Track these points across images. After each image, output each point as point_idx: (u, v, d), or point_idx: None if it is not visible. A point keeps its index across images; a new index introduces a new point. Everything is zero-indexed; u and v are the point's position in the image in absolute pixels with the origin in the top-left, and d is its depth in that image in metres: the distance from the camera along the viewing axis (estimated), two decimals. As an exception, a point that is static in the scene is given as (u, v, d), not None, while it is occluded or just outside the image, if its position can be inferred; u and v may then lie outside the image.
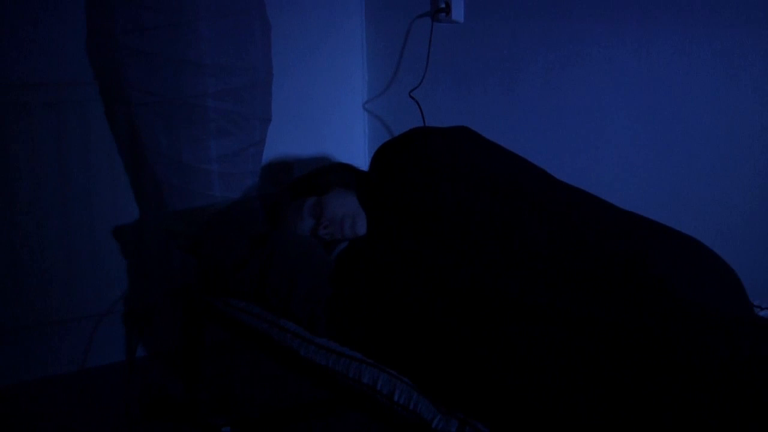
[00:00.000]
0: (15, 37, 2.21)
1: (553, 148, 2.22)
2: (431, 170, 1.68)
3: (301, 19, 2.64)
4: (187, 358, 2.05)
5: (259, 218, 1.94)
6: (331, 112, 2.76)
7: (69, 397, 2.25)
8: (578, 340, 1.19)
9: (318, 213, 1.84)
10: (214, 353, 2.29)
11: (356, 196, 1.86)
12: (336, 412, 2.10)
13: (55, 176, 2.26)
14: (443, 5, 2.41)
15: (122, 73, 2.12)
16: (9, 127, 2.17)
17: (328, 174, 1.93)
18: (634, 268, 1.30)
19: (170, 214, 2.19)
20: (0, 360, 2.26)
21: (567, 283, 1.31)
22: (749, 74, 1.78)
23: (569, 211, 1.51)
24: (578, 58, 2.12)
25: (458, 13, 2.41)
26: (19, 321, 2.27)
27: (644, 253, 1.33)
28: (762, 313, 1.55)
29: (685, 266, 1.35)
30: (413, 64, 2.59)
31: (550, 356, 1.18)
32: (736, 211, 1.84)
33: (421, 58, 2.52)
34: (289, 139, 2.59)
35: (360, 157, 2.81)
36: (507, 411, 1.18)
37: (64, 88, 2.26)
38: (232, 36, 2.12)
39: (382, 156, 1.82)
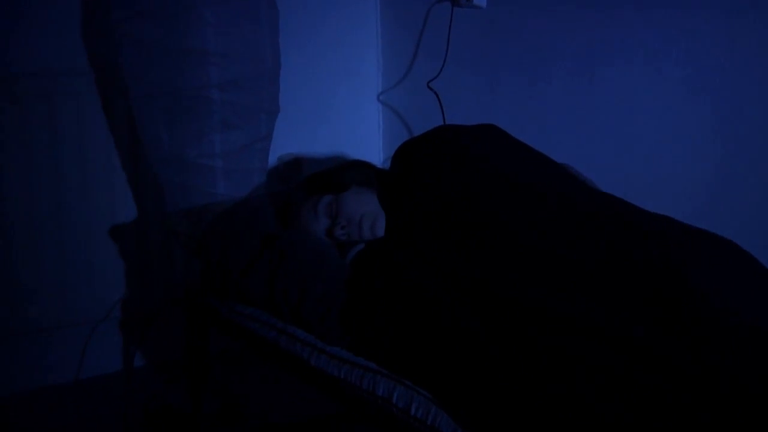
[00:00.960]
0: (4, 24, 2.22)
1: (582, 146, 2.22)
2: (461, 171, 1.67)
3: (311, 5, 2.65)
4: (190, 368, 2.06)
5: (269, 217, 1.95)
6: (343, 104, 2.77)
7: (62, 410, 2.26)
8: (617, 362, 1.17)
9: (334, 212, 1.85)
10: (218, 362, 2.31)
11: (376, 195, 1.88)
12: (348, 425, 2.12)
13: (48, 173, 2.28)
14: (465, -11, 2.43)
15: (120, 62, 2.13)
16: (-2, 119, 2.19)
17: (346, 171, 1.94)
18: (670, 280, 1.27)
19: (171, 214, 2.19)
20: (-12, 369, 2.28)
21: (602, 295, 1.29)
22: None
23: (601, 216, 1.50)
24: (611, 47, 2.12)
25: (481, -3, 2.42)
26: (9, 328, 2.29)
27: (681, 262, 1.31)
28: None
29: (727, 278, 1.31)
30: (432, 52, 2.59)
31: (586, 378, 1.17)
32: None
33: (441, 46, 2.53)
34: (297, 133, 2.59)
35: (374, 152, 2.82)
36: None
37: (57, 79, 2.28)
38: (237, 22, 2.13)
39: (406, 153, 1.82)
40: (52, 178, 2.28)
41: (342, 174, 1.94)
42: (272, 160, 2.46)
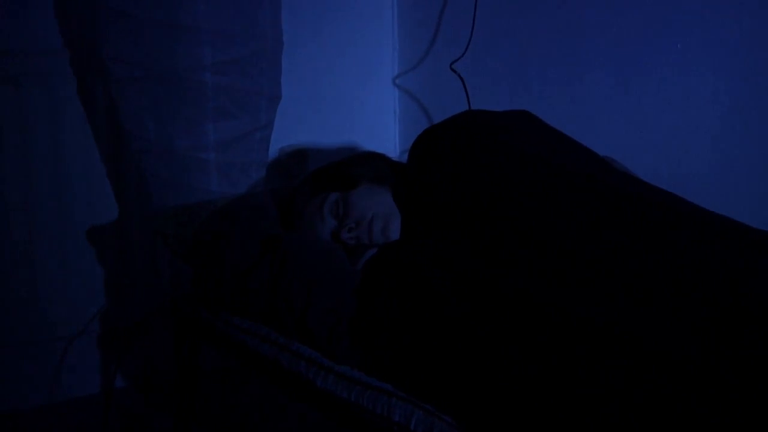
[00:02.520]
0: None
1: (629, 141, 2.22)
2: (491, 163, 1.67)
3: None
4: (178, 389, 2.07)
5: (269, 218, 1.96)
6: (354, 88, 2.77)
7: (34, 436, 2.27)
8: (676, 388, 1.17)
9: (342, 212, 1.86)
10: (211, 382, 2.32)
11: (390, 193, 1.88)
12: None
13: (17, 167, 2.29)
14: (493, -43, 2.43)
15: (100, 40, 2.13)
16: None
17: (355, 165, 1.95)
18: (739, 293, 1.26)
19: (158, 214, 2.21)
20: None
21: (656, 308, 1.29)
22: None
23: (656, 215, 1.49)
24: (661, 26, 2.13)
25: (511, -33, 2.43)
26: (-28, 344, 2.30)
27: (751, 272, 1.30)
28: None
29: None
30: (455, 29, 2.59)
31: (636, 405, 1.17)
32: None
33: (466, 23, 2.53)
34: (302, 122, 2.60)
35: (389, 143, 2.83)
36: None
37: (27, 59, 2.29)
38: (234, -4, 2.15)
39: (427, 143, 1.82)
40: (21, 173, 2.30)
41: (351, 168, 1.94)
42: (273, 152, 2.47)
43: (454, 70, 2.56)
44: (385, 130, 2.85)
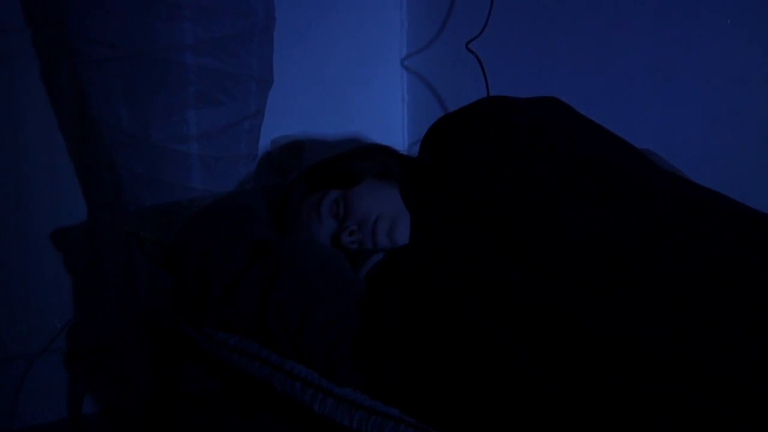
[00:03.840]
0: None
1: (669, 132, 2.22)
2: (516, 157, 1.67)
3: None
4: (156, 415, 2.07)
5: (259, 219, 1.96)
6: (357, 71, 2.78)
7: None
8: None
9: (342, 212, 1.86)
10: (193, 407, 2.33)
11: (398, 190, 1.88)
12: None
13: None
14: None
15: (66, 15, 2.14)
16: None
17: (358, 159, 1.95)
18: None
19: (133, 215, 2.21)
20: None
21: (704, 327, 1.28)
22: None
23: (700, 217, 1.49)
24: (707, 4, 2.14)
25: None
26: None
27: None
28: None
29: None
30: (472, 5, 2.59)
31: None
32: None
33: (484, -3, 2.55)
34: (297, 109, 2.60)
35: (396, 134, 2.83)
36: None
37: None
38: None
39: (441, 134, 1.82)
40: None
41: (353, 162, 1.94)
42: (263, 144, 2.48)
43: (470, 50, 2.56)
44: (391, 119, 2.85)
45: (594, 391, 1.26)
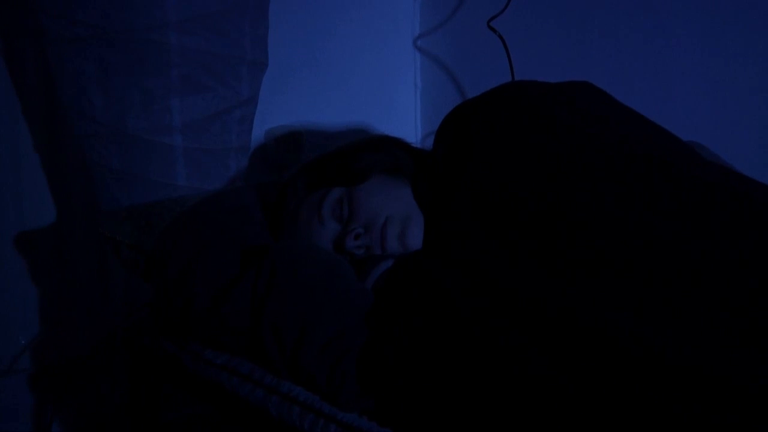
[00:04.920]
0: None
1: (720, 124, 2.21)
2: (546, 149, 1.67)
3: None
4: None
5: (252, 221, 1.97)
6: (363, 52, 2.78)
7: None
8: None
9: (347, 213, 1.86)
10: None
11: (409, 188, 1.89)
12: None
13: None
14: None
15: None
16: None
17: (364, 152, 1.95)
18: None
19: (108, 216, 2.18)
20: None
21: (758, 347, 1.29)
22: None
23: (757, 218, 1.49)
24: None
25: None
26: None
27: None
28: None
29: None
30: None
31: None
32: None
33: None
34: (295, 96, 2.60)
35: (408, 123, 2.83)
36: None
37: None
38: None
39: (460, 123, 1.81)
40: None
41: (359, 156, 1.94)
42: (257, 135, 2.48)
43: (492, 29, 2.56)
44: (403, 107, 2.85)
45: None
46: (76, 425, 2.52)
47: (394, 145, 2.00)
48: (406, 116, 2.86)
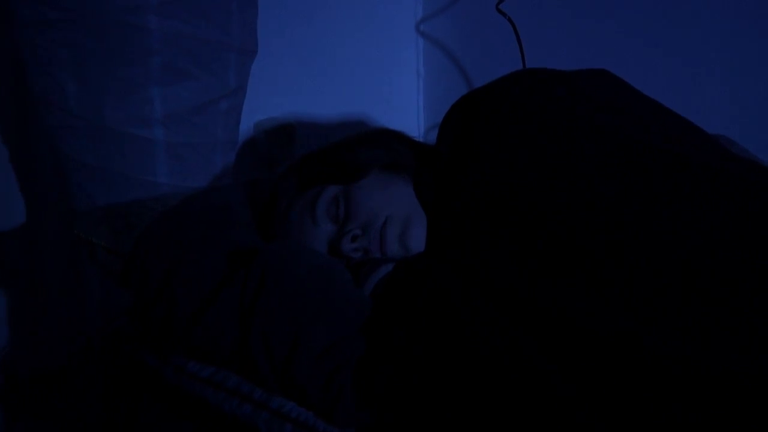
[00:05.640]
0: None
1: (750, 116, 2.22)
2: (560, 144, 1.67)
3: None
4: (112, 465, 2.09)
5: (240, 222, 1.97)
6: (361, 38, 2.78)
7: None
8: None
9: (343, 213, 1.86)
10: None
11: (411, 186, 1.89)
12: None
13: None
14: None
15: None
16: None
17: (362, 147, 1.95)
18: None
19: (83, 216, 2.19)
20: None
21: None
22: None
23: None
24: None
25: None
26: None
27: None
28: None
29: None
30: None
31: None
32: None
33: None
34: (287, 86, 2.60)
35: (410, 115, 2.84)
36: None
37: None
38: None
39: (467, 114, 1.81)
40: None
41: (356, 151, 1.95)
42: (246, 128, 2.48)
43: (501, 12, 2.57)
44: (404, 97, 2.86)
45: None
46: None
47: (394, 139, 2.01)
48: (408, 107, 2.86)
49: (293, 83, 2.64)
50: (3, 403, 2.49)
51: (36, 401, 2.43)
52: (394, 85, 2.86)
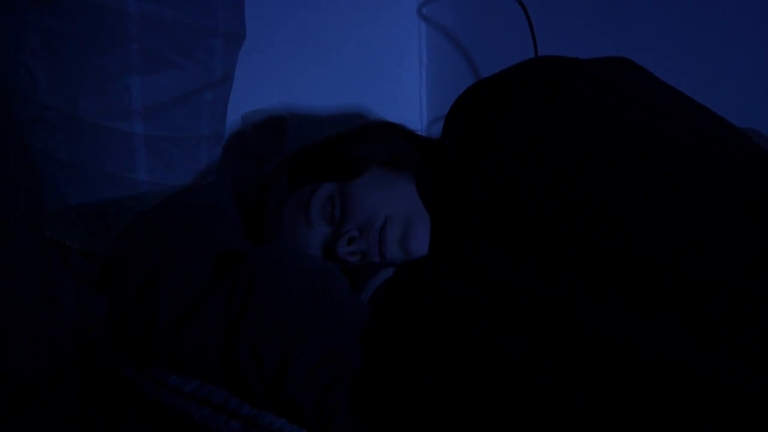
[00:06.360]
0: None
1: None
2: (577, 138, 1.66)
3: None
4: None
5: (227, 223, 1.98)
6: (359, 23, 2.78)
7: None
8: None
9: (339, 213, 1.87)
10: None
11: (413, 184, 1.89)
12: None
13: None
14: None
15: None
16: None
17: (359, 141, 1.96)
18: None
19: (55, 217, 2.20)
20: None
21: None
22: None
23: None
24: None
25: None
26: None
27: None
28: None
29: None
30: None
31: None
32: None
33: None
34: (278, 74, 2.61)
35: (411, 106, 2.84)
36: None
37: None
38: None
39: (473, 108, 1.81)
40: None
41: (353, 146, 1.95)
42: (233, 120, 2.49)
43: (512, -5, 2.58)
44: (405, 87, 2.86)
45: None
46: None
47: (394, 132, 2.01)
48: (409, 98, 2.86)
49: (284, 72, 2.64)
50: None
51: (3, 419, 2.43)
52: (394, 73, 2.86)
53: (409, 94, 2.87)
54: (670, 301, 1.41)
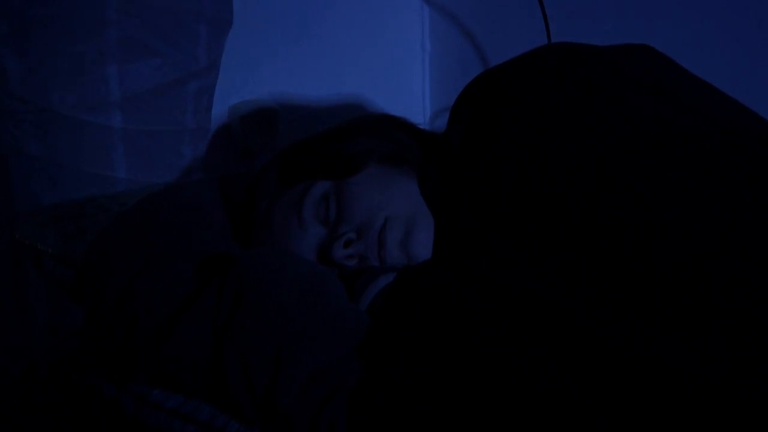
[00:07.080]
0: None
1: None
2: (594, 131, 1.66)
3: None
4: None
5: (213, 224, 1.98)
6: (357, 8, 2.79)
7: None
8: None
9: (335, 214, 1.87)
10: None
11: (415, 181, 1.90)
12: None
13: None
14: None
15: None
16: None
17: (356, 135, 1.96)
18: None
19: (27, 218, 2.21)
20: None
21: None
22: None
23: None
24: None
25: None
26: None
27: None
28: None
29: None
30: None
31: None
32: None
33: None
34: (269, 62, 2.61)
35: (413, 97, 2.85)
36: None
37: None
38: None
39: (480, 99, 1.82)
40: None
41: (350, 140, 1.96)
42: (219, 113, 2.49)
43: (522, -24, 2.59)
44: (407, 77, 2.87)
45: None
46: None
47: (394, 126, 2.01)
48: (412, 88, 2.87)
49: (275, 60, 2.65)
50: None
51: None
52: (394, 62, 2.87)
53: (411, 85, 2.88)
54: (688, 314, 1.41)
